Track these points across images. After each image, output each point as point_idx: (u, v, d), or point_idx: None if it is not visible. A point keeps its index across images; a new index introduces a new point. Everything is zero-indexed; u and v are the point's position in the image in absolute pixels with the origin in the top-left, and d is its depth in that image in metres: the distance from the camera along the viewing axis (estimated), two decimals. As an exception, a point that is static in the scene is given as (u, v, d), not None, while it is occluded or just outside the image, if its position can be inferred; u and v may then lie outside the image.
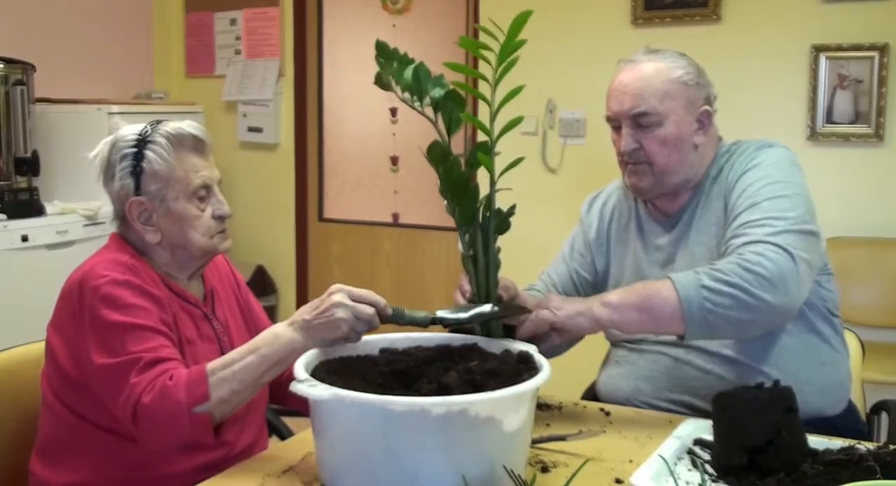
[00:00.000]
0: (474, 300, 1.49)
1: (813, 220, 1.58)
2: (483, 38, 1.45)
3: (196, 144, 1.54)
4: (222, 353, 1.56)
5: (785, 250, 1.48)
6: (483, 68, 1.45)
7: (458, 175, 1.43)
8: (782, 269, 1.47)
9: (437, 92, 1.45)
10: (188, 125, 1.54)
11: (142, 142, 1.51)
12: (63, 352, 1.47)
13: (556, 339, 1.57)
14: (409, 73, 1.45)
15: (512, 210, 1.50)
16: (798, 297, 1.51)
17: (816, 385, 1.61)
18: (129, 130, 1.54)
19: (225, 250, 1.61)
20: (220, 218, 1.57)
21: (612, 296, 1.55)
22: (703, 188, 1.72)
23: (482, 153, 1.44)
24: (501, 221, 1.49)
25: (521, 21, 1.46)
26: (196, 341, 1.54)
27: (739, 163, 1.68)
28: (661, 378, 1.68)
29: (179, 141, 1.52)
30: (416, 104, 1.44)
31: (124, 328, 1.41)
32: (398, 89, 1.44)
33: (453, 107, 1.44)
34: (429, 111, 1.44)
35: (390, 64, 1.44)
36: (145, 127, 1.54)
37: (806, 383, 1.58)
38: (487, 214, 1.47)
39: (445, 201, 1.47)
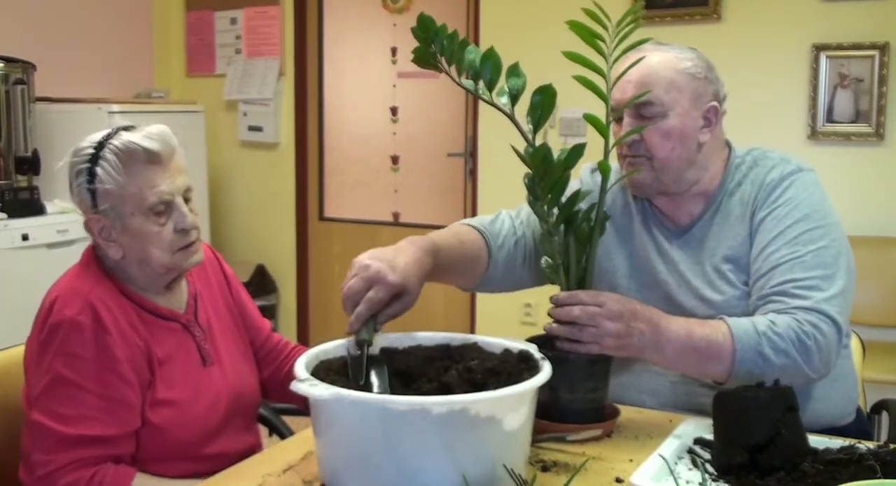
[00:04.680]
0: None
1: (849, 263, 1.55)
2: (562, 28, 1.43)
3: (150, 157, 1.45)
4: (203, 361, 1.55)
5: (835, 321, 1.46)
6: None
7: (558, 178, 1.40)
8: (830, 344, 1.46)
9: (516, 83, 1.41)
10: (142, 137, 1.45)
11: (94, 157, 1.45)
12: (27, 374, 1.47)
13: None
14: (474, 56, 1.39)
15: (606, 215, 1.46)
16: (833, 365, 1.50)
17: (828, 401, 1.59)
18: (87, 142, 1.48)
19: (192, 265, 1.54)
20: (182, 231, 1.49)
21: (668, 346, 1.45)
22: (717, 202, 1.63)
23: (603, 160, 1.41)
24: (598, 227, 1.46)
25: (635, 14, 1.42)
26: (173, 357, 1.50)
27: (765, 189, 1.59)
28: (666, 394, 1.63)
29: (129, 156, 1.44)
30: (484, 93, 1.39)
31: (67, 384, 1.38)
32: (453, 71, 1.39)
33: (545, 103, 1.40)
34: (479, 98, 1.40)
35: (439, 41, 1.37)
36: (101, 139, 1.47)
37: (818, 399, 1.57)
38: (587, 219, 1.44)
39: (534, 206, 1.45)
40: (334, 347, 1.38)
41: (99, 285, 1.47)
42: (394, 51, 4.34)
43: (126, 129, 1.49)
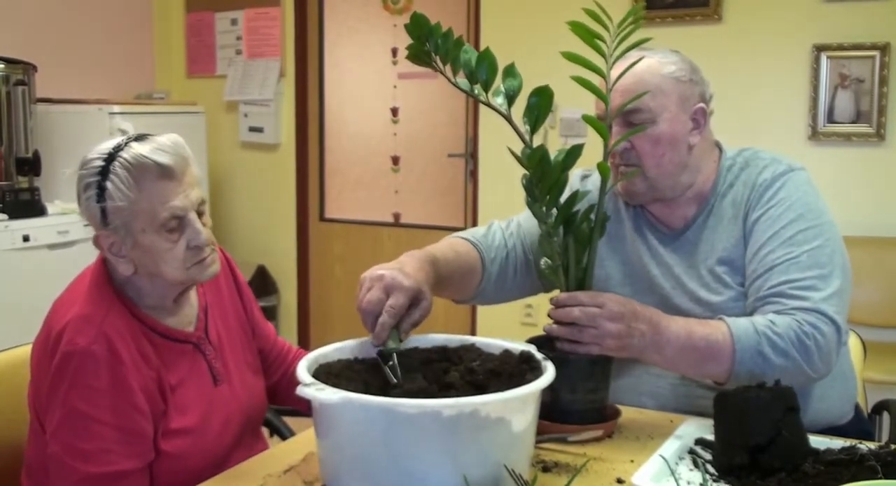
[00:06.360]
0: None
1: (844, 262, 1.54)
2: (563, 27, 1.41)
3: (162, 172, 1.38)
4: (214, 381, 1.52)
5: (833, 321, 1.46)
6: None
7: (556, 179, 1.40)
8: (830, 344, 1.46)
9: (512, 84, 1.40)
10: (154, 149, 1.39)
11: (104, 171, 1.38)
12: (37, 389, 1.43)
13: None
14: (469, 56, 1.37)
15: (607, 216, 1.45)
16: (834, 365, 1.50)
17: (827, 401, 1.60)
18: (95, 154, 1.40)
19: (208, 278, 1.48)
20: (196, 248, 1.43)
21: (668, 346, 1.45)
22: (710, 204, 1.63)
23: (602, 161, 1.41)
24: (598, 229, 1.46)
25: (636, 14, 1.42)
26: (185, 381, 1.47)
27: (757, 190, 1.59)
28: (666, 396, 1.62)
29: (141, 171, 1.37)
30: (479, 94, 1.39)
31: (83, 418, 1.34)
32: (448, 70, 1.38)
33: (542, 105, 1.39)
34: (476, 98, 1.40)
35: (433, 40, 1.36)
36: (111, 150, 1.40)
37: (818, 399, 1.57)
38: (586, 220, 1.44)
39: (532, 207, 1.45)
40: (333, 350, 1.38)
41: (111, 310, 1.41)
42: (394, 52, 4.34)
43: (137, 139, 1.42)
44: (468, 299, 1.76)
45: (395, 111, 4.41)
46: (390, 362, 1.32)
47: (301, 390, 1.17)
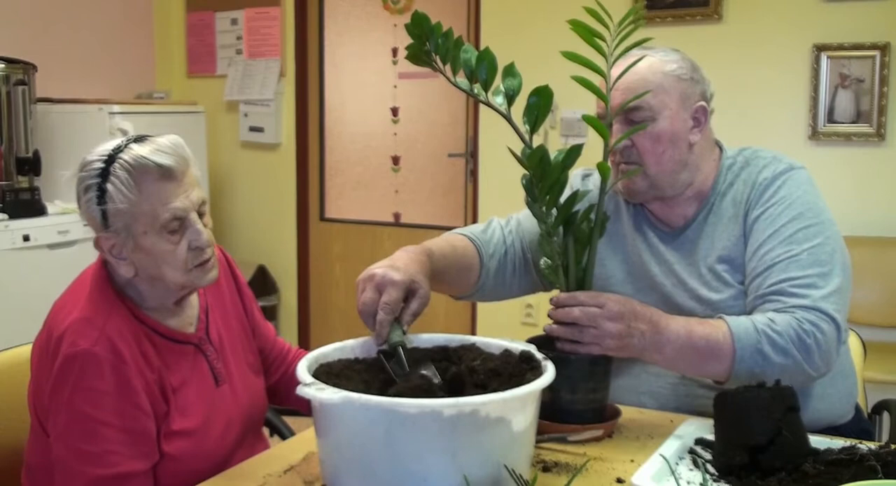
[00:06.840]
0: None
1: (844, 260, 1.54)
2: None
3: (163, 173, 1.37)
4: (216, 382, 1.52)
5: (833, 319, 1.46)
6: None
7: (556, 179, 1.40)
8: (830, 342, 1.46)
9: (512, 83, 1.41)
10: (154, 151, 1.38)
11: (104, 172, 1.38)
12: (37, 391, 1.43)
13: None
14: (469, 55, 1.38)
15: (607, 216, 1.45)
16: (834, 363, 1.50)
17: (828, 400, 1.60)
18: (95, 156, 1.40)
19: (208, 283, 1.47)
20: (197, 249, 1.42)
21: (668, 346, 1.45)
22: (710, 203, 1.64)
23: (602, 161, 1.42)
24: (598, 228, 1.46)
25: (637, 14, 1.42)
26: (187, 382, 1.47)
27: (757, 188, 1.59)
28: (666, 396, 1.62)
29: (142, 172, 1.37)
30: (479, 93, 1.39)
31: (88, 420, 1.34)
32: (447, 70, 1.39)
33: (541, 105, 1.40)
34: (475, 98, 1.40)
35: (434, 39, 1.37)
36: (111, 152, 1.39)
37: (818, 398, 1.57)
38: (586, 220, 1.45)
39: (532, 208, 1.45)
40: (333, 349, 1.38)
41: (113, 312, 1.41)
42: (394, 51, 4.34)
43: (137, 140, 1.42)
44: (467, 294, 1.76)
45: (395, 111, 4.41)
46: (393, 359, 1.32)
47: (301, 390, 1.17)
